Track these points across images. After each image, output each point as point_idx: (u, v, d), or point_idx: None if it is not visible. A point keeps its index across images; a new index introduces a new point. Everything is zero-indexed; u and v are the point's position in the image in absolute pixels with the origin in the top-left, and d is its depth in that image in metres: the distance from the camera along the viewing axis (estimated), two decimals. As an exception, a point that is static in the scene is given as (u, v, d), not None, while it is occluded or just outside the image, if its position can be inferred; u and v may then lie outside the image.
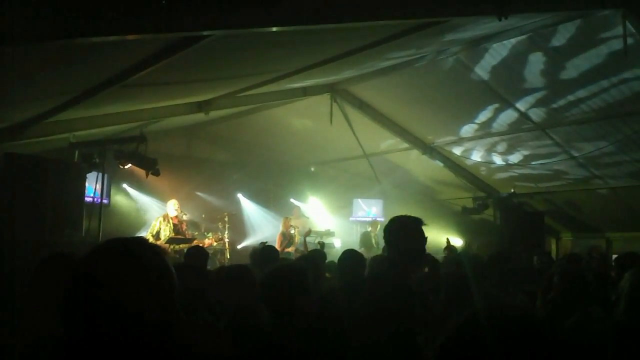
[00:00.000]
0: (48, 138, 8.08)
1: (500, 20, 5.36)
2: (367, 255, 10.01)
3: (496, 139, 10.53)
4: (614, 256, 11.54)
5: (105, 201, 9.23)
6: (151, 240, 9.45)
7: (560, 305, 4.07)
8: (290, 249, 10.39)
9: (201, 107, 8.66)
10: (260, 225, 13.18)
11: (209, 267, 8.52)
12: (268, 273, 2.99)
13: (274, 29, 4.27)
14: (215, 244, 10.61)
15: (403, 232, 3.49)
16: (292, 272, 3.00)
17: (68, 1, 3.22)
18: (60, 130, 7.83)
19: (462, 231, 13.20)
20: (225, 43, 4.93)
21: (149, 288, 1.31)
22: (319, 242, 10.17)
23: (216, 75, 7.20)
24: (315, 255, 5.81)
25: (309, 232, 10.74)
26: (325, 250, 11.92)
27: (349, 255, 5.19)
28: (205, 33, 4.15)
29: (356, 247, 9.66)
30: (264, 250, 5.62)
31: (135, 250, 1.36)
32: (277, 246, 10.55)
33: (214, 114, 9.23)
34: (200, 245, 9.43)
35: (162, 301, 1.32)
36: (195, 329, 3.06)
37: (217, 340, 3.02)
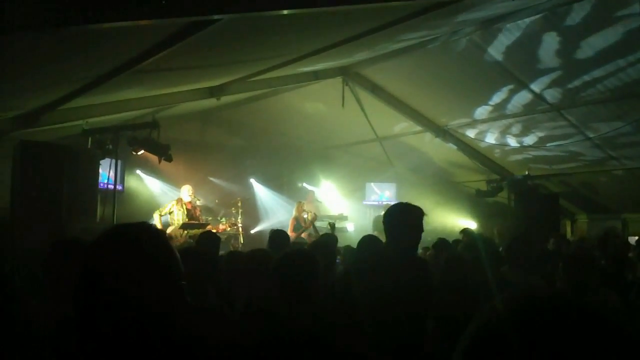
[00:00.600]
0: (61, 125, 8.13)
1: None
2: (381, 238, 10.07)
3: (510, 120, 10.42)
4: (631, 238, 11.52)
5: (119, 187, 9.30)
6: (157, 219, 9.53)
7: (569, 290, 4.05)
8: (304, 235, 10.40)
9: (213, 92, 8.66)
10: (274, 210, 13.23)
11: (222, 252, 8.61)
12: (278, 259, 2.99)
13: (285, 12, 4.24)
14: (229, 229, 10.66)
15: (402, 219, 3.54)
16: (302, 258, 2.98)
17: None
18: (73, 117, 7.87)
19: (477, 214, 13.15)
20: (235, 27, 4.90)
21: (151, 274, 1.31)
22: (329, 224, 10.18)
23: (227, 60, 7.18)
24: (328, 241, 5.78)
25: (315, 218, 10.75)
26: (338, 234, 11.97)
27: (369, 240, 5.17)
28: (215, 17, 4.12)
29: (369, 231, 9.63)
30: (273, 235, 5.60)
31: (137, 237, 1.37)
32: (289, 231, 10.58)
33: (226, 99, 9.23)
34: (214, 230, 9.51)
35: (165, 286, 1.32)
36: (202, 315, 3.06)
37: (224, 327, 3.02)
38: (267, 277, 3.89)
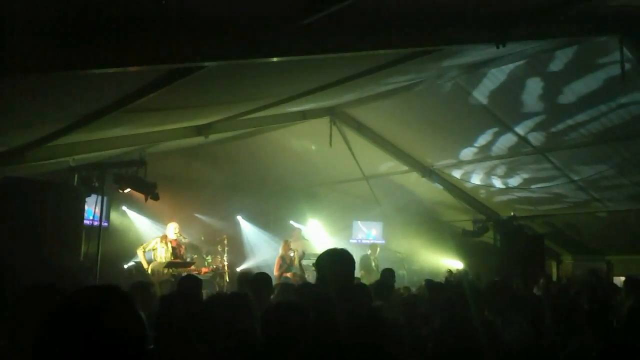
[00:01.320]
0: (47, 162, 8.08)
1: (498, 48, 5.41)
2: (367, 278, 10.01)
3: (496, 162, 10.55)
4: (616, 279, 11.57)
5: (104, 224, 9.22)
6: (140, 255, 9.45)
7: (554, 336, 4.06)
8: (289, 274, 10.33)
9: (200, 131, 8.68)
10: (260, 248, 13.17)
11: (207, 290, 8.51)
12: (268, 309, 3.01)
13: (275, 59, 4.30)
14: (211, 273, 10.62)
15: (332, 265, 3.58)
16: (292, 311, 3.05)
17: (70, 34, 3.25)
18: (59, 154, 7.83)
19: (463, 254, 13.16)
20: (224, 70, 4.96)
21: (115, 345, 1.39)
22: (314, 265, 10.08)
23: (215, 100, 7.23)
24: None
25: (303, 255, 10.72)
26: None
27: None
28: (206, 64, 4.18)
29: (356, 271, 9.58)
30: (258, 277, 5.53)
31: (101, 308, 1.43)
32: (275, 270, 10.52)
33: (214, 137, 9.25)
34: (196, 272, 9.45)
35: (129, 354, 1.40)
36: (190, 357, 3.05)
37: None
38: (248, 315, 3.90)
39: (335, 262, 3.62)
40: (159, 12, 3.27)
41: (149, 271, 9.45)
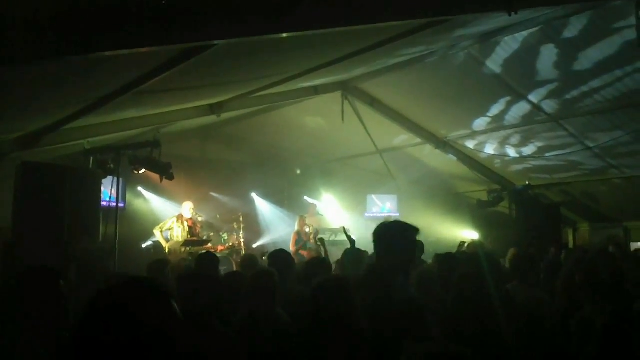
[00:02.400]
0: (63, 145, 8.16)
1: (510, 15, 5.33)
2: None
3: (509, 131, 10.45)
4: (634, 244, 11.52)
5: (121, 205, 9.32)
6: (158, 234, 9.55)
7: (569, 303, 4.07)
8: (305, 253, 10.38)
9: (213, 109, 8.69)
10: (275, 224, 13.25)
11: (224, 268, 8.61)
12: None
13: (284, 35, 4.28)
14: (227, 251, 10.71)
15: (390, 239, 3.34)
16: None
17: (81, 17, 3.25)
18: (74, 137, 7.90)
19: (478, 225, 13.15)
20: (233, 49, 4.94)
21: (146, 341, 1.41)
22: (319, 239, 10.06)
23: (227, 79, 7.22)
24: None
25: (317, 233, 10.77)
26: (340, 247, 11.97)
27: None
28: (216, 42, 4.16)
29: (371, 244, 9.59)
30: (275, 255, 5.47)
31: (134, 303, 1.46)
32: (291, 245, 10.59)
33: (226, 115, 9.26)
34: (212, 250, 9.55)
35: (165, 321, 1.45)
36: (208, 340, 3.09)
37: (230, 351, 3.04)
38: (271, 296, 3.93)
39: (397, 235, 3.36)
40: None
41: (166, 250, 9.57)
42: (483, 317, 3.30)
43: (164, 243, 9.63)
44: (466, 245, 9.48)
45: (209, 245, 10.14)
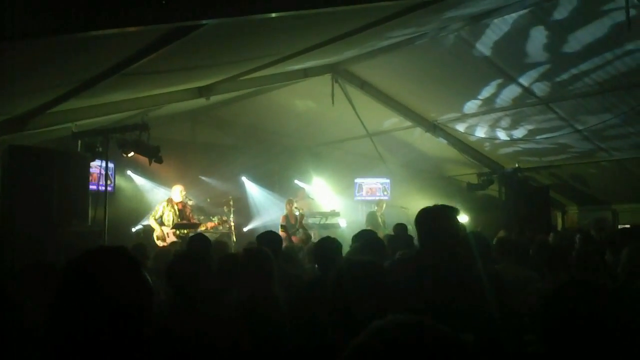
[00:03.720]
0: (50, 128, 8.08)
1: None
2: (375, 234, 10.08)
3: (500, 114, 10.47)
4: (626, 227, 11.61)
5: (110, 189, 9.27)
6: (154, 223, 9.52)
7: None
8: (294, 238, 10.36)
9: (202, 92, 8.63)
10: (266, 208, 13.23)
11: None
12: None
13: (273, 14, 4.24)
14: (220, 227, 10.65)
15: (431, 223, 3.28)
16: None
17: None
18: (62, 120, 7.82)
19: (468, 208, 13.19)
20: (223, 29, 4.89)
21: (124, 281, 1.46)
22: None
23: (215, 61, 7.16)
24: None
25: (302, 217, 10.83)
26: (331, 230, 12.00)
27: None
28: (204, 22, 4.11)
29: (362, 227, 9.64)
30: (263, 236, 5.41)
31: (102, 269, 1.48)
32: (281, 231, 10.58)
33: (215, 98, 9.20)
34: (203, 227, 9.51)
35: (135, 290, 1.47)
36: (197, 321, 3.06)
37: (219, 331, 3.02)
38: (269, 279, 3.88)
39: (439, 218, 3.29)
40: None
41: (155, 235, 9.53)
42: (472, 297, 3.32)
43: (159, 230, 9.57)
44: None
45: (200, 226, 10.10)
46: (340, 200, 13.76)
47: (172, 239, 9.39)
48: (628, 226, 7.91)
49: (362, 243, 4.91)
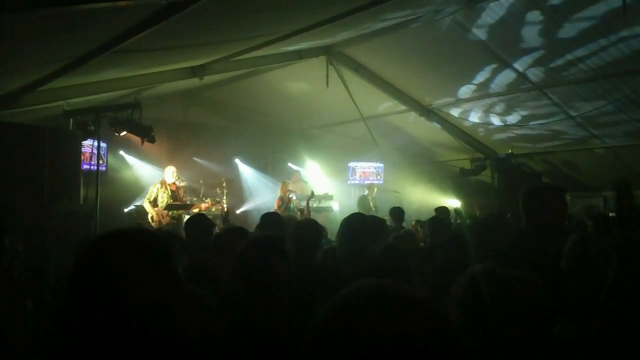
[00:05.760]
0: (42, 106, 8.02)
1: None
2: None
3: (494, 99, 10.46)
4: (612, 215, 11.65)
5: (102, 168, 9.24)
6: (148, 206, 9.51)
7: None
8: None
9: (195, 72, 8.57)
10: (259, 190, 13.23)
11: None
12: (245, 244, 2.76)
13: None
14: (213, 208, 10.64)
15: (539, 203, 3.19)
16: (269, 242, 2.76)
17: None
18: (53, 98, 7.76)
19: (460, 193, 13.23)
20: (217, 6, 4.85)
21: (149, 275, 1.27)
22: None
23: (209, 40, 7.10)
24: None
25: (311, 196, 10.77)
26: (324, 213, 12.02)
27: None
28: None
29: (354, 210, 9.65)
30: (264, 219, 5.39)
31: (134, 239, 1.33)
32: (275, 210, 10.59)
33: (209, 78, 9.15)
34: (196, 209, 9.49)
35: (162, 286, 1.28)
36: (190, 305, 2.98)
37: (206, 317, 2.93)
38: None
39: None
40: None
41: (149, 217, 9.52)
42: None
43: (153, 212, 9.55)
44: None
45: (193, 207, 10.08)
46: (333, 184, 13.76)
47: (168, 220, 9.38)
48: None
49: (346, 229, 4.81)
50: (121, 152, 11.50)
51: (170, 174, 9.85)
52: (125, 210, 11.14)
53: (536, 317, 1.76)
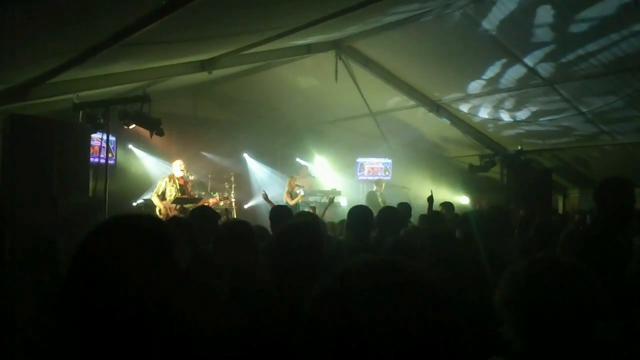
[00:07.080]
0: (52, 99, 8.05)
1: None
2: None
3: (504, 95, 10.39)
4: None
5: (111, 162, 9.25)
6: (156, 200, 9.53)
7: None
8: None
9: (204, 66, 8.57)
10: (267, 185, 13.22)
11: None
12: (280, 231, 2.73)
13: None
14: (222, 203, 10.64)
15: (615, 193, 3.37)
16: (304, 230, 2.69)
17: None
18: (63, 90, 7.78)
19: (469, 189, 13.19)
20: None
21: (149, 262, 1.25)
22: (330, 198, 10.27)
23: (218, 33, 7.10)
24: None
25: (330, 202, 10.72)
26: (332, 209, 12.00)
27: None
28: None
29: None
30: (275, 210, 5.41)
31: (138, 225, 1.32)
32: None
33: (218, 73, 9.15)
34: (206, 204, 9.48)
35: (162, 274, 1.25)
36: (193, 295, 2.97)
37: (211, 307, 2.93)
38: (251, 250, 3.81)
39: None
40: None
41: (157, 211, 9.53)
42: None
43: (161, 206, 9.57)
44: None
45: (201, 202, 10.09)
46: (341, 179, 13.75)
47: (175, 214, 9.38)
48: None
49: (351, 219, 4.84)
50: (130, 146, 11.53)
51: (177, 167, 9.86)
52: (134, 203, 11.18)
53: (588, 310, 1.71)
